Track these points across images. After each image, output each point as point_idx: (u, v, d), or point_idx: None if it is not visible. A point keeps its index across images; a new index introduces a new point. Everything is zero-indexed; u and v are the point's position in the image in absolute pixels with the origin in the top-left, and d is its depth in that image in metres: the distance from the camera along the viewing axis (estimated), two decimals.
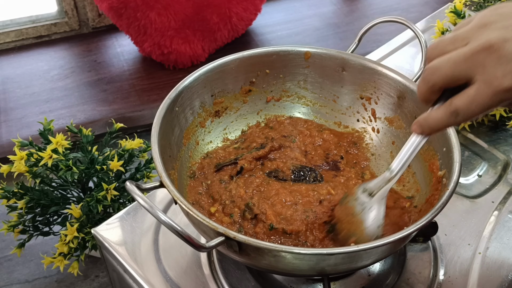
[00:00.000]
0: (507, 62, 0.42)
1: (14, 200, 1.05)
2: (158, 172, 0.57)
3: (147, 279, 0.67)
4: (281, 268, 0.55)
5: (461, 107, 0.45)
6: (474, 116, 0.46)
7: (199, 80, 0.71)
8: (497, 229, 0.73)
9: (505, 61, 0.42)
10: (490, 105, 0.44)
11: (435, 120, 0.48)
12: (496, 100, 0.44)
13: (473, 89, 0.44)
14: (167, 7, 1.64)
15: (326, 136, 0.76)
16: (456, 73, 0.45)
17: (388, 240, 0.51)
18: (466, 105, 0.45)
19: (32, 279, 1.30)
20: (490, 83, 0.43)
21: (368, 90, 0.75)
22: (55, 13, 1.88)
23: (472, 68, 0.44)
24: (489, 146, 0.87)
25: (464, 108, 0.45)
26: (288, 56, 0.76)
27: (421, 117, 0.50)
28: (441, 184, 0.60)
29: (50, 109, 1.62)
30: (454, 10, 0.90)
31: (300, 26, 2.01)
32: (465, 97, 0.45)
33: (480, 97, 0.44)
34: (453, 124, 0.48)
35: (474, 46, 0.43)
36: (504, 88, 0.43)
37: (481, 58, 0.43)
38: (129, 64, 1.81)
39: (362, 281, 0.67)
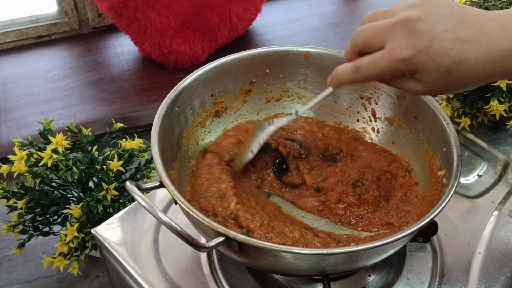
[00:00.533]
0: (413, 36, 0.47)
1: (14, 200, 1.05)
2: (158, 172, 0.57)
3: (147, 279, 0.67)
4: (281, 268, 0.55)
5: (362, 64, 0.51)
6: (370, 78, 0.52)
7: (199, 80, 0.71)
8: (497, 229, 0.73)
9: (412, 35, 0.47)
10: (385, 69, 0.50)
11: (341, 72, 0.55)
12: (392, 67, 0.49)
13: (379, 52, 0.50)
14: (167, 7, 1.64)
15: (326, 132, 0.77)
16: (374, 38, 0.50)
17: (388, 240, 0.51)
18: (367, 64, 0.51)
19: (32, 279, 1.30)
20: (393, 49, 0.49)
21: (368, 90, 0.75)
22: (55, 13, 1.88)
23: (386, 36, 0.49)
24: (489, 146, 0.87)
25: (364, 66, 0.51)
26: (288, 56, 0.76)
27: (334, 69, 0.56)
28: (441, 184, 0.60)
29: (50, 109, 1.61)
30: None
31: (300, 26, 2.01)
32: (369, 57, 0.51)
33: (380, 60, 0.50)
34: (354, 80, 0.53)
35: (395, 19, 0.49)
36: (402, 57, 0.48)
37: (395, 29, 0.49)
38: (129, 64, 1.81)
39: (362, 281, 0.67)
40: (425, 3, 0.49)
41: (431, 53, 0.47)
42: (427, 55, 0.47)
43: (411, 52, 0.48)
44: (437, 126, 0.65)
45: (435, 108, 0.65)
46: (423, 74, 0.49)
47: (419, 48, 0.47)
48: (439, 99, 0.92)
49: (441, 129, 0.64)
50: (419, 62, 0.48)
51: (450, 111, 0.90)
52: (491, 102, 0.84)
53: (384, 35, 0.49)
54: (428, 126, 0.67)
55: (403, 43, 0.48)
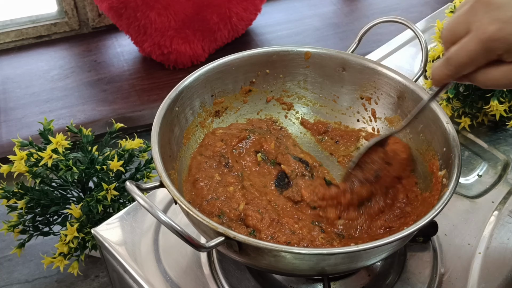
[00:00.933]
0: (494, 9, 0.44)
1: (14, 200, 1.05)
2: (158, 172, 0.57)
3: (147, 279, 0.67)
4: (281, 268, 0.55)
5: (452, 53, 0.48)
6: (463, 66, 0.48)
7: (199, 80, 0.71)
8: (497, 229, 0.73)
9: (493, 8, 0.44)
10: (476, 52, 0.46)
11: (435, 69, 0.51)
12: (482, 49, 0.45)
13: (465, 38, 0.46)
14: (167, 7, 1.64)
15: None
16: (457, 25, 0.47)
17: (388, 240, 0.51)
18: (456, 52, 0.47)
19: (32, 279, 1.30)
20: (477, 30, 0.45)
21: (368, 90, 0.75)
22: (55, 13, 1.88)
23: (468, 20, 0.46)
24: (489, 146, 0.87)
25: (454, 55, 0.48)
26: (288, 56, 0.76)
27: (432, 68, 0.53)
28: (441, 184, 0.60)
29: (50, 109, 1.62)
30: (454, 10, 0.90)
31: (300, 26, 2.01)
32: (457, 45, 0.47)
33: (468, 44, 0.46)
34: (448, 73, 0.49)
35: (470, 2, 0.46)
36: (489, 35, 0.44)
37: (474, 10, 0.46)
38: (129, 64, 1.81)
39: (362, 281, 0.67)
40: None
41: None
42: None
43: (497, 26, 0.44)
44: (437, 126, 0.65)
45: (435, 108, 0.65)
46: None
47: (504, 20, 0.44)
48: (439, 99, 0.92)
49: (441, 129, 0.64)
50: (509, 34, 0.44)
51: (450, 111, 0.90)
52: (491, 102, 0.84)
53: (467, 19, 0.46)
54: (428, 126, 0.67)
55: (485, 19, 0.45)
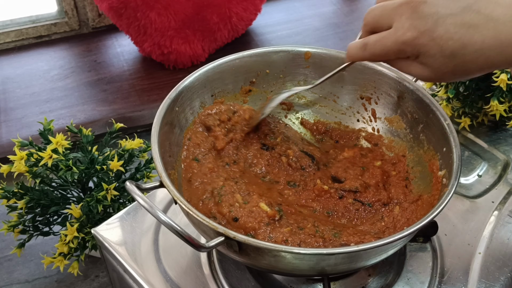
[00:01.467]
0: (416, 18, 0.48)
1: (14, 200, 1.05)
2: (158, 172, 0.57)
3: (147, 279, 0.67)
4: (281, 268, 0.55)
5: (370, 41, 0.52)
6: (376, 56, 0.53)
7: (199, 80, 0.71)
8: (497, 229, 0.73)
9: (416, 17, 0.48)
10: (390, 48, 0.51)
11: (351, 48, 0.56)
12: (396, 48, 0.50)
13: (386, 32, 0.51)
14: (167, 7, 1.64)
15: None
16: (382, 17, 0.51)
17: (388, 240, 0.51)
18: (373, 42, 0.52)
19: (32, 279, 1.30)
20: (397, 30, 0.49)
21: (368, 90, 0.75)
22: (55, 13, 1.88)
23: (393, 16, 0.50)
24: (489, 146, 0.87)
25: (371, 43, 0.52)
26: (288, 56, 0.76)
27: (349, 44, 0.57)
28: (441, 184, 0.60)
29: (50, 109, 1.61)
30: None
31: (300, 26, 2.01)
32: (377, 35, 0.52)
33: (385, 39, 0.51)
34: (361, 56, 0.55)
35: (401, 0, 0.50)
36: (405, 39, 0.49)
37: (401, 10, 0.49)
38: (129, 64, 1.81)
39: (362, 281, 0.67)
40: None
41: (434, 36, 0.47)
42: (430, 37, 0.47)
43: (414, 34, 0.48)
44: (437, 126, 0.65)
45: (435, 108, 0.65)
46: (426, 57, 0.49)
47: (422, 30, 0.48)
48: (439, 99, 0.92)
49: (441, 129, 0.64)
50: (422, 44, 0.48)
51: (450, 111, 0.90)
52: (491, 102, 0.84)
53: (391, 15, 0.50)
54: (428, 126, 0.67)
55: (406, 24, 0.48)
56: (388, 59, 0.53)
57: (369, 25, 0.53)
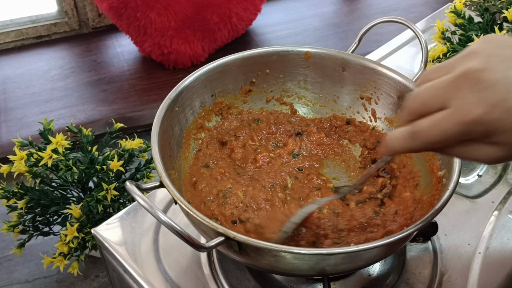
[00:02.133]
0: (482, 89, 0.39)
1: (14, 200, 1.05)
2: (158, 172, 0.57)
3: (147, 279, 0.67)
4: (281, 268, 0.55)
5: (422, 128, 0.42)
6: (432, 144, 0.42)
7: (199, 80, 0.71)
8: (497, 229, 0.73)
9: (481, 88, 0.39)
10: (452, 132, 0.40)
11: (394, 140, 0.45)
12: (460, 130, 0.40)
13: (442, 113, 0.40)
14: (167, 7, 1.64)
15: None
16: (434, 99, 0.41)
17: (388, 240, 0.51)
18: (427, 128, 0.41)
19: (32, 279, 1.30)
20: (459, 108, 0.39)
21: (368, 90, 0.75)
22: (55, 13, 1.88)
23: (448, 94, 0.40)
24: None
25: (424, 130, 0.42)
26: (288, 56, 0.76)
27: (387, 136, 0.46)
28: (441, 184, 0.60)
29: (50, 109, 1.62)
30: (454, 10, 0.90)
31: (300, 26, 2.01)
32: (430, 119, 0.41)
33: (444, 122, 0.40)
34: (411, 148, 0.43)
35: (455, 73, 0.40)
36: (472, 117, 0.39)
37: (458, 84, 0.40)
38: (129, 64, 1.81)
39: (362, 281, 0.67)
40: (485, 47, 0.40)
41: (509, 105, 0.38)
42: (505, 108, 0.38)
43: (484, 109, 0.38)
44: None
45: None
46: (501, 134, 0.39)
47: (493, 103, 0.38)
48: None
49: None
50: (495, 119, 0.38)
51: None
52: None
53: (446, 94, 0.40)
54: None
55: (472, 98, 0.39)
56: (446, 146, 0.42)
57: (416, 110, 0.42)
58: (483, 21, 0.89)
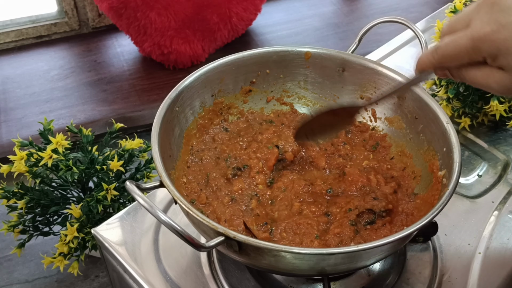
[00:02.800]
0: (497, 11, 0.42)
1: (14, 200, 1.05)
2: (158, 172, 0.57)
3: (147, 279, 0.67)
4: (281, 268, 0.55)
5: (442, 44, 0.47)
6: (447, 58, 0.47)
7: (199, 80, 0.71)
8: (497, 229, 0.73)
9: (496, 10, 0.43)
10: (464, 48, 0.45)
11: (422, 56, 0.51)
12: (470, 46, 0.44)
13: (461, 31, 0.45)
14: (167, 7, 1.64)
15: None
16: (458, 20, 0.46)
17: (388, 240, 0.51)
18: (446, 43, 0.47)
19: (32, 279, 1.30)
20: (474, 27, 0.44)
21: (368, 90, 0.75)
22: (55, 13, 1.88)
23: (470, 16, 0.45)
24: (489, 146, 0.87)
25: (443, 45, 0.47)
26: (288, 56, 0.76)
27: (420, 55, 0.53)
28: (441, 184, 0.60)
29: (50, 109, 1.62)
30: (454, 10, 0.90)
31: (300, 26, 2.01)
32: (450, 36, 0.46)
33: (460, 38, 0.45)
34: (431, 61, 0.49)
35: (479, 1, 0.45)
36: (482, 34, 0.43)
37: (479, 8, 0.44)
38: (129, 64, 1.81)
39: (362, 281, 0.67)
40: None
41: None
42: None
43: (493, 27, 0.42)
44: (437, 126, 0.65)
45: (435, 108, 0.65)
46: (507, 56, 0.42)
47: (503, 23, 0.42)
48: (439, 99, 0.92)
49: (441, 129, 0.64)
50: (502, 39, 0.42)
51: (450, 111, 0.90)
52: (491, 102, 0.84)
53: (468, 16, 0.45)
54: (428, 126, 0.67)
55: (485, 18, 0.43)
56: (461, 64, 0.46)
57: (444, 30, 0.48)
58: None
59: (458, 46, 0.45)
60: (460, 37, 0.45)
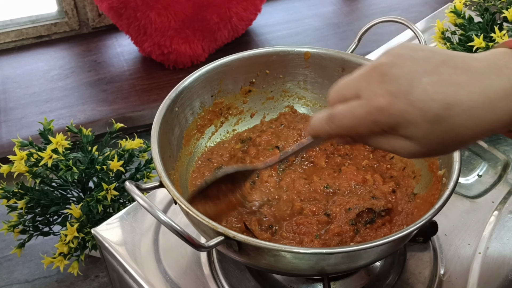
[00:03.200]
0: (387, 81, 0.41)
1: (14, 200, 1.05)
2: (158, 172, 0.57)
3: (147, 279, 0.67)
4: (281, 267, 0.55)
5: (337, 112, 0.45)
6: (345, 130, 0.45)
7: (199, 80, 0.71)
8: (497, 229, 0.73)
9: (386, 80, 0.41)
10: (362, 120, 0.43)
11: (315, 121, 0.47)
12: (369, 119, 0.42)
13: (355, 101, 0.43)
14: (167, 7, 1.64)
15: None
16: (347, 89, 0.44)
17: (387, 239, 0.51)
18: (342, 112, 0.44)
19: (32, 279, 1.30)
20: (368, 98, 0.42)
21: None
22: (55, 13, 1.88)
23: (359, 85, 0.43)
24: (489, 146, 0.87)
25: (338, 114, 0.44)
26: (288, 56, 0.76)
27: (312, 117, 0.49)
28: (441, 184, 0.60)
29: (50, 109, 1.62)
30: (454, 10, 0.90)
31: (300, 26, 2.01)
32: (344, 106, 0.44)
33: (355, 109, 0.43)
34: (328, 130, 0.46)
35: (367, 67, 0.43)
36: (378, 106, 0.41)
37: (368, 77, 0.43)
38: (129, 64, 1.81)
39: (362, 281, 0.67)
40: (399, 49, 0.43)
41: (411, 98, 0.40)
42: (407, 101, 0.40)
43: (387, 99, 0.41)
44: None
45: None
46: (408, 126, 0.41)
47: (395, 94, 0.41)
48: None
49: None
50: (399, 110, 0.41)
51: None
52: None
53: (357, 85, 0.43)
54: None
55: (378, 89, 0.41)
56: (360, 135, 0.45)
57: (333, 99, 0.46)
58: (483, 21, 0.89)
59: (355, 118, 0.43)
60: (355, 107, 0.43)
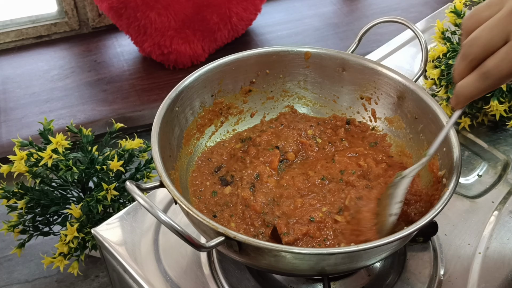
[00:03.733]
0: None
1: (14, 200, 1.05)
2: (158, 172, 0.57)
3: (147, 279, 0.67)
4: (281, 268, 0.55)
5: (491, 66, 0.43)
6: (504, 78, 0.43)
7: (199, 80, 0.71)
8: (497, 229, 0.73)
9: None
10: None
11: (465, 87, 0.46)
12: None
13: (505, 47, 0.42)
14: (167, 7, 1.64)
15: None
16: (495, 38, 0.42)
17: (388, 240, 0.51)
18: (496, 64, 0.42)
19: (32, 279, 1.30)
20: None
21: (368, 90, 0.75)
22: (55, 13, 1.88)
23: (508, 28, 0.41)
24: (489, 146, 0.87)
25: (494, 67, 0.43)
26: (288, 56, 0.76)
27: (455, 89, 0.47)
28: (441, 184, 0.60)
29: (50, 109, 1.62)
30: (454, 10, 0.90)
31: (300, 26, 2.01)
32: (496, 56, 0.42)
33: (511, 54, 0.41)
34: (484, 88, 0.44)
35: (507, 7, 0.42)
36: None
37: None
38: (129, 64, 1.81)
39: (362, 281, 0.67)
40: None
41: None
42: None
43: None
44: (437, 126, 0.65)
45: (435, 108, 0.65)
46: None
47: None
48: (439, 99, 0.92)
49: (441, 129, 0.64)
50: None
51: (450, 111, 0.90)
52: (491, 102, 0.84)
53: (505, 29, 0.41)
54: (428, 126, 0.67)
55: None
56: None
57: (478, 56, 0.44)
58: None
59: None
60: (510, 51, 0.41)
